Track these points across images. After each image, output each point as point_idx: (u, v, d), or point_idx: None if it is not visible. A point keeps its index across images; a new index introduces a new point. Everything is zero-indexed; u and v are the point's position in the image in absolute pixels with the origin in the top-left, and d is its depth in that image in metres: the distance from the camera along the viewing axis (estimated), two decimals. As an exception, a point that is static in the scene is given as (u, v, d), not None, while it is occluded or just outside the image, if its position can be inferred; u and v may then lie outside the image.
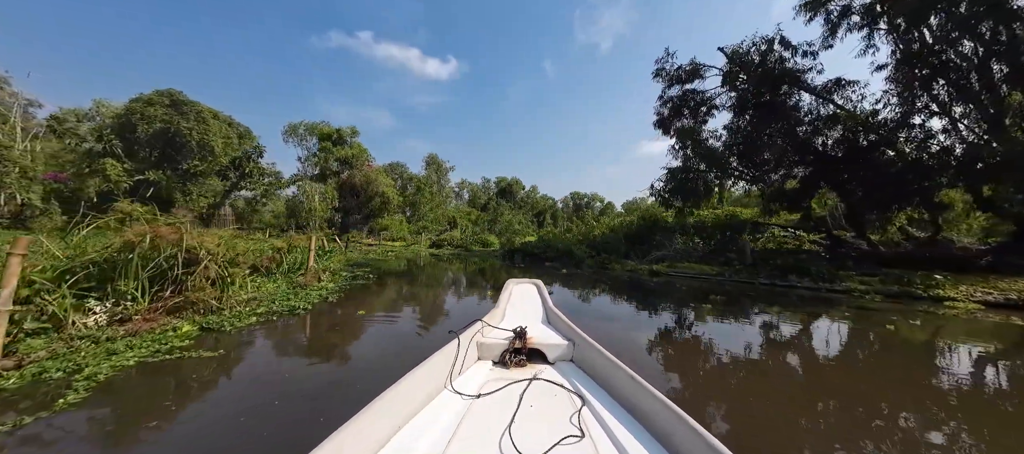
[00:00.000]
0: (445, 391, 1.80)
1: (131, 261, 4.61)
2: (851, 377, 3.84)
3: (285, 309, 5.64)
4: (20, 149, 25.46)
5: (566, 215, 50.97)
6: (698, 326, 5.68)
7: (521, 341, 2.26)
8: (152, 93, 25.22)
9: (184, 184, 27.59)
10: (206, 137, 26.39)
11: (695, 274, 11.09)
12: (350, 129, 38.76)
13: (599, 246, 14.95)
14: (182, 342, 4.09)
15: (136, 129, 24.34)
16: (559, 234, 19.44)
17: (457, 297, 8.05)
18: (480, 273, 13.22)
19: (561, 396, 1.78)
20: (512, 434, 1.40)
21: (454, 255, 20.14)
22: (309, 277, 7.63)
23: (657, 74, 14.07)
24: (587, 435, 1.43)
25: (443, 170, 49.31)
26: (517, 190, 52.18)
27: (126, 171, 23.98)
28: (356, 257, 15.89)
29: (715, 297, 8.08)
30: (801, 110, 13.70)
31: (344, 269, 10.82)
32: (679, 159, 13.87)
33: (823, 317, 6.55)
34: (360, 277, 9.53)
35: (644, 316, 6.42)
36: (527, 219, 45.62)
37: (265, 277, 7.48)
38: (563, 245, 15.82)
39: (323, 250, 12.97)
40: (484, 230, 36.19)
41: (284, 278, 7.61)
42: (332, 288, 7.53)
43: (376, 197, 37.73)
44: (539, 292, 3.70)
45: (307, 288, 7.20)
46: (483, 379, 1.97)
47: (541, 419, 1.55)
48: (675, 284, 10.09)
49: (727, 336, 5.16)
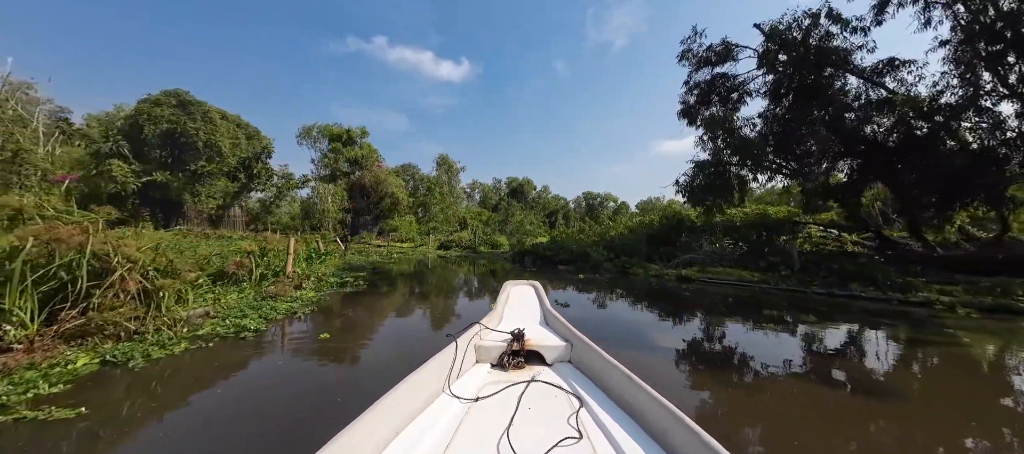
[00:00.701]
0: (443, 395, 1.77)
1: (13, 272, 3.43)
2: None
3: (231, 330, 4.42)
4: (42, 153, 25.51)
5: (578, 215, 49.25)
6: (778, 360, 4.22)
7: (519, 343, 2.22)
8: (159, 94, 24.78)
9: (193, 185, 27.11)
10: (213, 137, 25.83)
11: (734, 281, 9.52)
12: (359, 129, 38.12)
13: (618, 248, 13.44)
14: (55, 387, 2.87)
15: (143, 130, 23.89)
16: (572, 235, 17.97)
17: (455, 315, 6.73)
18: (491, 274, 11.87)
19: (559, 397, 1.76)
20: (510, 436, 1.40)
21: (462, 257, 18.88)
22: (282, 286, 6.43)
23: (683, 57, 12.51)
24: (585, 436, 1.42)
25: (454, 171, 48.29)
26: (528, 190, 50.74)
27: (133, 172, 23.54)
28: (357, 259, 14.77)
29: (771, 312, 6.55)
30: (848, 95, 11.97)
31: (336, 274, 9.63)
32: (707, 152, 12.32)
33: (928, 343, 4.99)
34: (350, 284, 8.31)
35: (691, 340, 4.97)
36: (538, 220, 44.16)
37: (233, 286, 6.32)
38: (577, 247, 14.38)
39: (318, 253, 11.86)
40: (495, 231, 34.98)
41: (254, 287, 6.43)
42: (308, 299, 6.32)
43: (386, 198, 37.03)
44: (537, 294, 3.61)
45: (277, 299, 6.00)
46: (481, 382, 1.94)
47: (539, 421, 1.54)
48: (711, 293, 8.56)
49: (816, 372, 3.69)
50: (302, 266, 8.67)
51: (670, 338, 5.00)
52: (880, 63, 11.82)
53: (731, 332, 5.28)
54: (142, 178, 24.02)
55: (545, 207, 50.33)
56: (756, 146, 11.32)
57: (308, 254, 11.21)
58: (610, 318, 6.25)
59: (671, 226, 13.81)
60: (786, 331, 5.38)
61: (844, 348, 4.74)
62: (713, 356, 4.35)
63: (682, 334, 5.23)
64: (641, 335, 5.14)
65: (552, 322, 2.83)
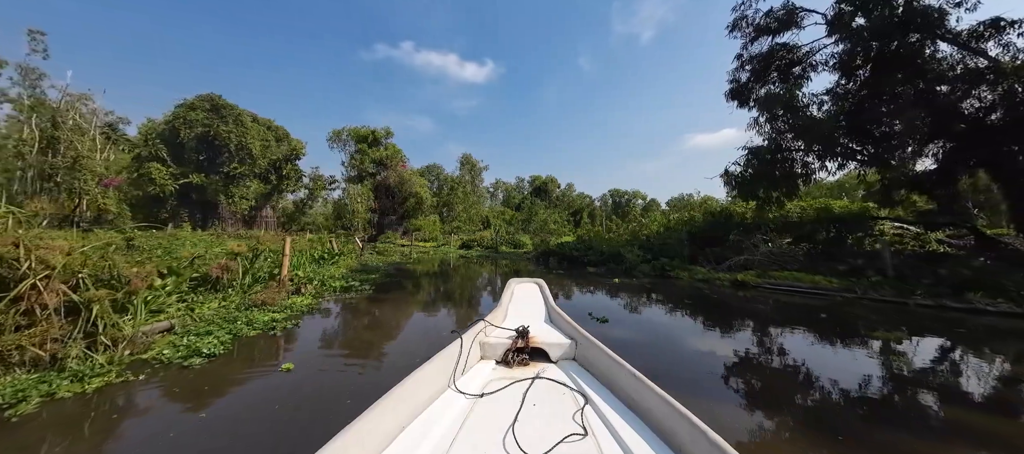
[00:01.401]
0: (448, 390, 1.75)
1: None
2: None
3: (182, 354, 3.44)
4: (100, 160, 26.90)
5: (605, 214, 47.17)
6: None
7: (524, 340, 2.21)
8: (194, 98, 25.36)
9: (227, 187, 27.66)
10: (244, 140, 26.18)
11: (807, 288, 7.78)
12: (384, 130, 38.08)
13: (655, 248, 11.84)
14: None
15: (180, 134, 24.48)
16: (601, 233, 16.40)
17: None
18: (513, 275, 10.68)
19: (564, 394, 1.75)
20: (516, 433, 1.39)
21: (483, 257, 17.79)
22: (273, 293, 5.49)
23: (735, 27, 10.74)
24: (590, 433, 1.41)
25: (477, 170, 47.56)
26: (552, 188, 49.17)
27: (171, 175, 24.16)
28: (375, 260, 13.99)
29: (882, 332, 4.91)
30: (941, 64, 9.81)
31: (345, 277, 8.74)
32: (764, 136, 10.50)
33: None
34: (356, 289, 7.34)
35: (830, 392, 3.52)
36: (563, 218, 42.56)
37: (216, 293, 5.44)
38: (608, 247, 12.88)
39: (330, 253, 11.09)
40: (517, 230, 33.82)
41: (240, 293, 5.53)
42: (299, 308, 5.34)
43: (410, 198, 36.85)
44: (541, 291, 3.55)
45: (263, 310, 5.05)
46: (486, 378, 1.93)
47: (544, 417, 1.53)
48: (779, 303, 6.92)
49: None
50: (308, 269, 7.81)
51: (747, 365, 3.57)
52: (981, 25, 9.61)
53: (866, 367, 3.76)
54: (179, 180, 24.63)
55: (569, 205, 48.58)
56: (827, 127, 9.42)
57: (321, 255, 10.44)
58: (678, 346, 4.84)
59: (717, 223, 12.03)
60: (934, 361, 3.81)
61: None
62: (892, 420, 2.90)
63: (766, 360, 3.78)
64: (713, 368, 3.72)
65: (556, 319, 2.78)
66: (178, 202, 25.86)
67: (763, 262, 9.38)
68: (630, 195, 50.67)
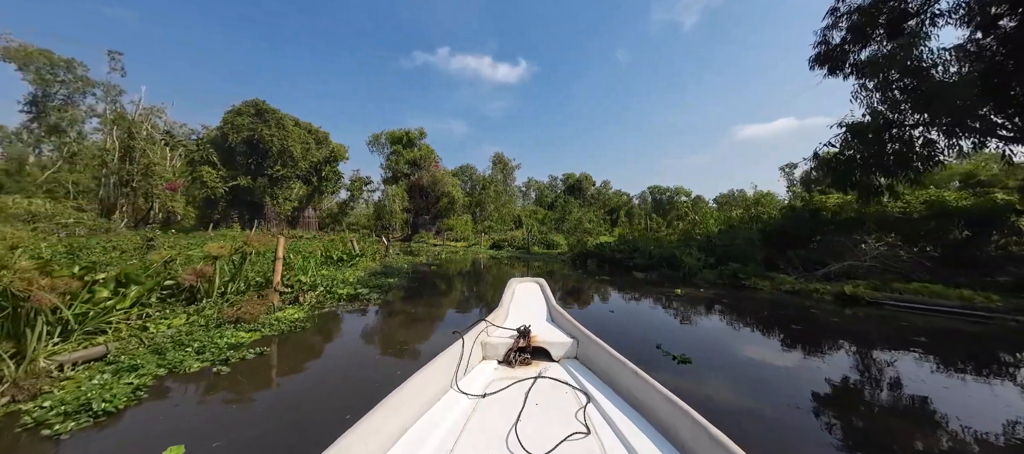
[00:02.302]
0: (451, 391, 1.73)
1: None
2: None
3: (56, 415, 2.30)
4: (169, 166, 28.86)
5: (644, 212, 44.10)
6: None
7: (525, 340, 2.19)
8: (241, 104, 26.20)
9: (272, 188, 28.44)
10: (286, 143, 26.70)
11: (954, 306, 5.58)
12: (418, 130, 37.95)
13: (717, 250, 9.80)
14: None
15: (228, 138, 25.35)
16: (647, 233, 14.36)
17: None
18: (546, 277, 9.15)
19: (566, 393, 1.73)
20: (518, 432, 1.38)
21: (514, 257, 16.39)
22: (253, 305, 4.40)
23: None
24: (593, 431, 1.40)
25: (509, 169, 46.37)
26: (587, 186, 46.78)
27: (220, 177, 25.05)
28: (400, 261, 13.03)
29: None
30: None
31: (359, 282, 7.66)
32: (866, 108, 8.14)
33: None
34: (364, 298, 6.18)
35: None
36: (598, 217, 40.22)
37: (190, 304, 4.45)
38: (659, 248, 10.96)
39: (350, 254, 10.17)
40: (550, 229, 32.15)
41: (216, 305, 4.49)
42: (281, 326, 4.20)
43: (443, 197, 36.47)
44: (542, 290, 3.48)
45: (238, 327, 3.95)
46: (488, 378, 1.91)
47: (547, 416, 1.52)
48: (923, 329, 4.85)
49: None
50: (316, 273, 6.79)
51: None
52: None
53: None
54: (228, 183, 25.52)
55: (605, 204, 45.94)
56: (964, 92, 7.01)
57: (339, 256, 9.54)
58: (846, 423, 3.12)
59: (799, 220, 9.71)
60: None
61: None
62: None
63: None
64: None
65: (558, 319, 2.73)
66: (228, 204, 26.88)
67: (873, 269, 7.14)
68: (672, 192, 46.88)
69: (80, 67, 34.99)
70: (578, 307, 6.27)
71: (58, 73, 34.29)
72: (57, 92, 35.17)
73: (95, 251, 7.31)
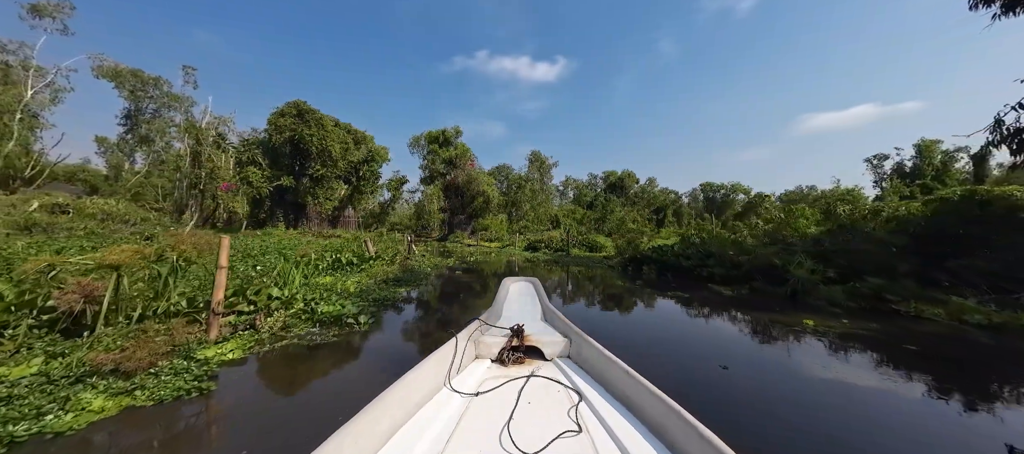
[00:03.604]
0: (444, 389, 1.71)
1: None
2: None
3: None
4: (231, 169, 30.41)
5: (695, 212, 39.83)
6: None
7: (519, 339, 2.16)
8: (284, 105, 26.53)
9: (313, 188, 28.66)
10: (325, 142, 26.67)
11: None
12: (454, 129, 36.99)
13: (834, 258, 7.01)
14: None
15: (272, 139, 25.73)
16: (723, 235, 11.55)
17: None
18: (603, 302, 7.01)
19: (559, 392, 1.71)
20: (511, 430, 1.36)
21: (551, 260, 14.31)
22: (148, 343, 2.83)
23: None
24: (584, 429, 1.40)
25: (546, 167, 44.12)
26: (629, 184, 43.24)
27: (265, 178, 25.46)
28: (424, 264, 11.50)
29: None
30: None
31: (360, 294, 6.06)
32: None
33: None
34: (352, 319, 4.50)
35: None
36: (643, 217, 36.79)
37: (65, 339, 2.97)
38: (747, 254, 8.36)
39: (362, 257, 8.72)
40: (590, 229, 29.56)
41: (105, 341, 2.97)
42: (167, 387, 2.57)
43: (478, 197, 35.24)
44: (536, 290, 3.45)
45: (112, 378, 2.37)
46: (481, 377, 1.88)
47: (539, 415, 1.51)
48: None
49: None
50: (295, 285, 5.27)
51: None
52: None
53: None
54: (272, 183, 25.92)
55: (650, 202, 42.15)
56: None
57: (349, 260, 8.10)
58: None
59: (963, 217, 6.62)
60: None
61: None
62: None
63: None
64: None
65: (551, 318, 2.69)
66: (273, 204, 27.42)
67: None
68: (727, 189, 41.93)
69: (165, 84, 38.19)
70: (662, 360, 4.14)
71: (148, 90, 37.62)
72: (147, 106, 38.69)
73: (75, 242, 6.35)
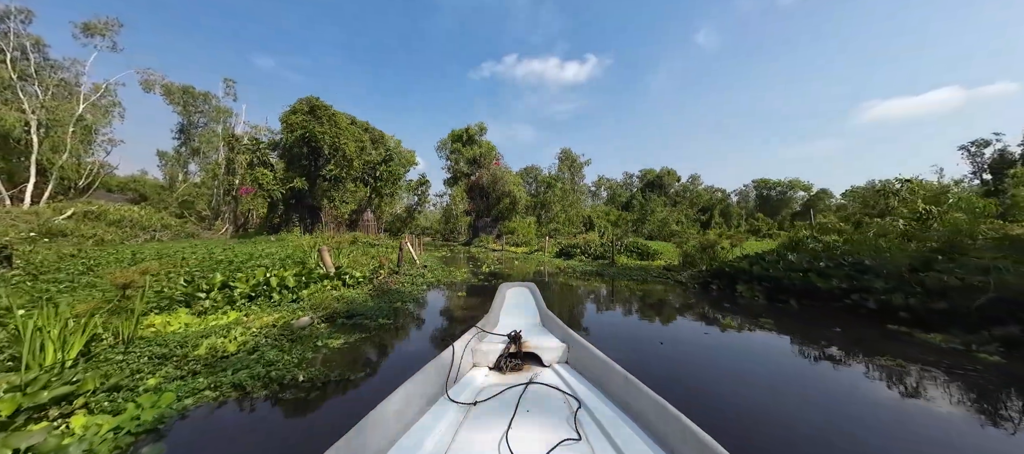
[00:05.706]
0: (441, 399, 1.69)
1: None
2: None
3: None
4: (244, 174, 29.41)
5: (746, 211, 34.44)
6: None
7: (516, 346, 2.17)
8: (296, 102, 24.71)
9: (329, 190, 26.57)
10: (338, 140, 24.52)
11: None
12: (478, 126, 34.03)
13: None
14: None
15: (285, 139, 23.93)
16: (870, 238, 7.46)
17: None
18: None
19: (557, 399, 1.70)
20: (510, 439, 1.35)
21: (593, 272, 10.61)
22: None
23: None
24: (584, 437, 1.38)
25: (577, 166, 40.25)
26: (669, 182, 38.41)
27: (276, 179, 23.62)
28: (413, 283, 8.27)
29: None
30: None
31: (341, 317, 2.79)
32: None
33: None
34: (306, 353, 1.31)
35: None
36: (688, 218, 31.99)
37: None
38: (984, 268, 4.42)
39: (308, 275, 5.57)
40: (627, 231, 25.36)
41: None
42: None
43: (504, 198, 32.02)
44: (533, 296, 3.40)
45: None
46: (480, 385, 1.87)
47: (538, 423, 1.49)
48: None
49: None
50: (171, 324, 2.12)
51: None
52: None
53: None
54: (285, 185, 24.04)
55: (693, 202, 37.12)
56: None
57: (281, 281, 4.96)
58: None
59: None
60: None
61: None
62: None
63: None
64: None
65: (549, 323, 2.69)
66: (288, 207, 25.58)
67: None
68: (784, 186, 36.12)
69: (214, 99, 38.60)
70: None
71: (198, 104, 38.10)
72: (198, 120, 39.28)
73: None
